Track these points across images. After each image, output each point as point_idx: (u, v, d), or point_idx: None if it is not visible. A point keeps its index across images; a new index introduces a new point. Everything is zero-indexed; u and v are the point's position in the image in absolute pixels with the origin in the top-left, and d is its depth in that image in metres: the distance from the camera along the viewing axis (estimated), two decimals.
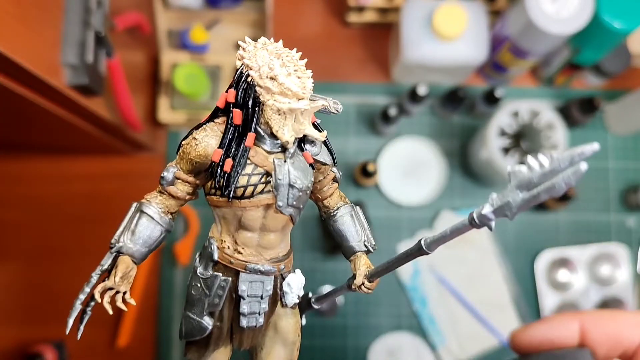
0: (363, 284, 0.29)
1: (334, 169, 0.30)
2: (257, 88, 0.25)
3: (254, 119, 0.25)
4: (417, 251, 0.24)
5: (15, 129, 0.64)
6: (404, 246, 0.80)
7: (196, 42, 0.77)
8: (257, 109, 0.25)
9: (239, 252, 0.27)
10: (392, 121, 0.75)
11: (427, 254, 0.24)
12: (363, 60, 0.85)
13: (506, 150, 0.70)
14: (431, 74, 0.79)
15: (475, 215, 0.21)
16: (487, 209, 0.20)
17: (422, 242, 0.24)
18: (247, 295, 0.27)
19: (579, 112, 0.77)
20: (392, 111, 0.74)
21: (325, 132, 0.27)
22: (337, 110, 0.27)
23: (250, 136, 0.25)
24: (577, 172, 0.18)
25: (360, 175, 0.76)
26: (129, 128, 0.66)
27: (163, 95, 0.77)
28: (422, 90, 0.73)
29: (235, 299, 0.27)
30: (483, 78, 0.84)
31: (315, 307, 0.31)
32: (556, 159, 0.18)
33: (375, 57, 0.85)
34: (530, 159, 0.18)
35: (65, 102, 0.50)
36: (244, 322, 0.27)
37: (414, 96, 0.74)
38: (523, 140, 0.78)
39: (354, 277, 0.29)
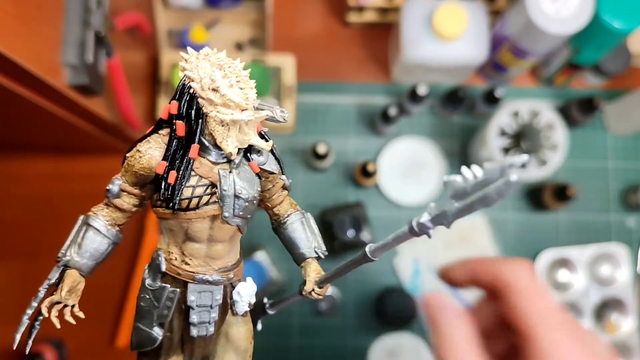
0: (313, 289, 0.29)
1: (283, 177, 0.30)
2: (200, 100, 0.25)
3: (198, 131, 0.25)
4: (363, 258, 0.25)
5: (15, 129, 0.65)
6: (405, 247, 0.80)
7: (196, 42, 0.77)
8: (200, 120, 0.25)
9: (187, 263, 0.27)
10: (392, 121, 0.75)
11: (372, 261, 0.25)
12: (363, 60, 0.86)
13: (506, 150, 0.71)
14: (431, 73, 0.79)
15: (414, 224, 0.22)
16: (425, 218, 0.21)
17: (367, 250, 0.25)
18: (197, 305, 0.27)
19: (578, 112, 0.77)
20: (392, 111, 0.74)
21: (271, 142, 0.27)
22: (285, 119, 0.27)
23: (194, 148, 0.25)
24: (508, 183, 0.18)
25: (360, 175, 0.76)
26: (129, 128, 0.66)
27: (163, 95, 0.77)
28: (422, 90, 0.73)
29: (184, 309, 0.27)
30: (483, 78, 0.85)
31: (270, 312, 0.31)
32: (488, 170, 0.19)
33: (375, 57, 0.86)
34: (464, 169, 0.19)
35: (65, 102, 0.50)
36: (194, 331, 0.28)
37: (414, 96, 0.75)
38: (523, 140, 0.78)
39: (304, 283, 0.30)
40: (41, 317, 0.26)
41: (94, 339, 0.76)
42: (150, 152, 0.26)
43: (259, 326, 0.32)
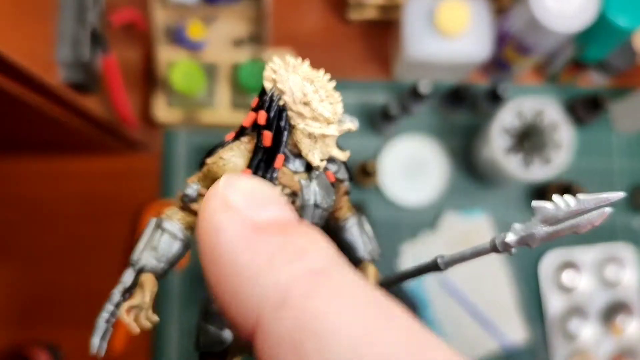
0: None
1: (346, 183, 0.31)
2: (289, 112, 0.26)
3: (284, 142, 0.26)
4: (433, 268, 0.25)
5: (9, 127, 0.65)
6: (406, 247, 0.80)
7: (194, 38, 0.77)
8: (286, 132, 0.26)
9: None
10: (393, 120, 0.75)
11: (442, 271, 0.25)
12: (363, 57, 0.86)
13: (510, 150, 0.71)
14: (433, 71, 0.79)
15: (497, 242, 0.22)
16: (510, 238, 0.22)
17: (439, 260, 0.25)
18: None
19: (583, 110, 0.77)
20: (393, 109, 0.74)
21: (348, 152, 0.28)
22: (356, 128, 0.28)
23: (280, 157, 0.26)
24: (602, 215, 0.19)
25: (361, 175, 0.76)
26: (125, 126, 0.66)
27: (159, 93, 0.77)
28: (423, 88, 0.73)
29: None
30: (486, 76, 0.85)
31: None
32: (582, 201, 0.20)
33: (376, 55, 0.86)
34: (557, 197, 0.20)
35: (60, 100, 0.50)
36: None
37: (415, 94, 0.75)
38: (527, 139, 0.78)
39: None
40: (114, 320, 0.27)
41: (89, 343, 0.76)
42: (234, 160, 0.26)
43: None
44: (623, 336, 0.78)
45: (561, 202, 0.20)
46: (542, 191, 0.79)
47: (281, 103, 0.26)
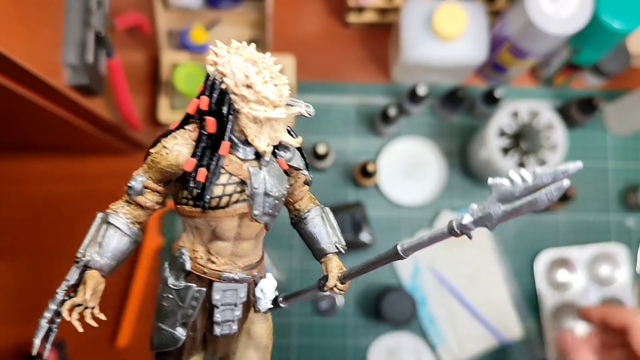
0: (335, 285, 0.29)
1: (305, 172, 0.29)
2: (232, 95, 0.24)
3: (228, 127, 0.24)
4: (393, 256, 0.24)
5: (16, 129, 0.65)
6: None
7: (196, 43, 0.77)
8: (231, 117, 0.24)
9: (212, 262, 0.26)
10: (392, 121, 0.75)
11: (403, 258, 0.24)
12: (363, 60, 0.85)
13: (506, 151, 0.70)
14: (431, 74, 0.79)
15: (455, 224, 0.21)
16: (467, 219, 0.21)
17: (399, 247, 0.24)
18: (221, 304, 0.27)
19: (578, 112, 0.77)
20: (392, 111, 0.74)
21: (300, 138, 0.26)
22: (310, 114, 0.26)
23: (225, 145, 0.24)
24: (560, 189, 0.18)
25: (360, 175, 0.76)
26: (129, 128, 0.66)
27: (163, 95, 0.77)
28: (421, 91, 0.73)
29: (208, 308, 0.27)
30: (483, 78, 0.84)
31: (282, 306, 0.30)
32: (539, 175, 0.18)
33: (375, 57, 0.85)
34: (512, 173, 0.19)
35: (66, 102, 0.50)
36: (217, 330, 0.27)
37: (413, 96, 0.74)
38: (523, 140, 0.78)
39: (325, 278, 0.29)
40: (59, 320, 0.26)
41: (95, 338, 0.76)
42: (178, 149, 0.25)
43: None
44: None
45: (517, 177, 0.19)
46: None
47: (223, 87, 0.24)
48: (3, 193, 0.80)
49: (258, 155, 0.25)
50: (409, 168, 0.82)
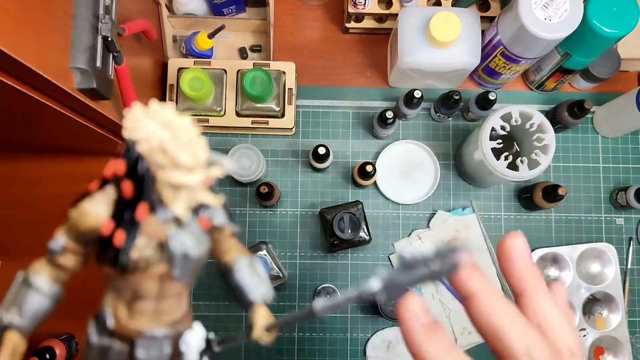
0: (261, 337, 0.28)
1: (231, 226, 0.28)
2: (148, 161, 0.23)
3: (146, 191, 0.23)
4: (309, 313, 0.24)
5: (26, 132, 0.65)
6: (401, 245, 0.80)
7: (200, 50, 0.77)
8: (148, 180, 0.23)
9: (135, 320, 0.25)
10: (389, 124, 0.75)
11: (317, 317, 0.24)
12: (361, 65, 0.85)
13: (499, 153, 0.70)
14: (427, 79, 0.79)
15: (362, 291, 0.21)
16: (376, 286, 0.20)
17: (314, 306, 0.23)
18: None
19: (569, 114, 0.76)
20: (389, 115, 0.74)
21: (221, 197, 0.25)
22: (225, 172, 0.25)
23: (143, 208, 0.23)
24: (454, 266, 0.18)
25: (359, 175, 0.76)
26: None
27: (169, 99, 0.77)
28: (417, 95, 0.73)
29: None
30: (476, 83, 0.84)
31: (216, 350, 0.29)
32: (435, 253, 0.19)
33: (373, 63, 0.85)
34: (415, 248, 0.20)
35: (76, 106, 0.50)
36: None
37: (410, 100, 0.74)
38: (515, 142, 0.78)
39: (251, 328, 0.29)
40: None
41: None
42: (95, 211, 0.24)
43: None
44: (607, 329, 0.78)
45: (418, 253, 0.19)
46: (529, 191, 0.79)
47: (139, 151, 0.22)
48: (15, 193, 0.80)
49: (177, 219, 0.24)
50: (405, 169, 0.82)
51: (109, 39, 0.50)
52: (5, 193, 0.80)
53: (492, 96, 0.74)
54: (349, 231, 0.71)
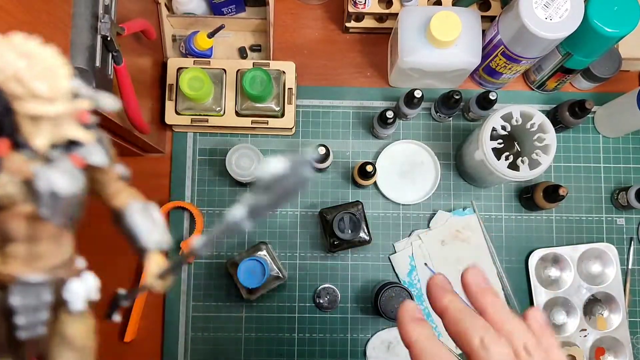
0: (153, 284, 0.28)
1: (118, 167, 0.27)
2: (5, 91, 0.21)
3: (5, 124, 0.22)
4: (191, 253, 0.24)
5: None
6: (401, 244, 0.80)
7: (200, 49, 0.77)
8: (8, 112, 0.21)
9: (7, 265, 0.24)
10: (389, 124, 0.75)
11: (198, 255, 0.24)
12: (361, 65, 0.85)
13: (499, 152, 0.70)
14: (427, 78, 0.79)
15: (228, 221, 0.21)
16: (239, 212, 0.20)
17: (193, 246, 0.24)
18: (22, 308, 0.24)
19: (570, 114, 0.76)
20: (389, 115, 0.73)
21: (91, 133, 0.24)
22: (113, 106, 0.24)
23: (3, 142, 0.22)
24: (305, 179, 0.18)
25: (359, 175, 0.75)
26: (137, 130, 0.66)
27: (169, 99, 0.77)
28: (417, 95, 0.73)
29: (8, 312, 0.24)
30: (477, 82, 0.84)
31: (124, 304, 0.29)
32: (286, 169, 0.18)
33: (373, 63, 0.85)
34: (268, 167, 0.19)
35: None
36: (22, 334, 0.24)
37: (410, 100, 0.74)
38: (516, 142, 0.78)
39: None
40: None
41: (105, 334, 0.76)
42: None
43: (117, 317, 0.29)
44: (608, 329, 0.78)
45: (270, 169, 0.19)
46: (530, 191, 0.79)
47: None
48: None
49: (46, 155, 0.23)
50: (406, 169, 0.82)
51: (108, 39, 0.50)
52: None
53: (492, 96, 0.74)
54: (349, 231, 0.71)
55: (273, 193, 0.19)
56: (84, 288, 0.26)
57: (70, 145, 0.24)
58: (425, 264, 0.79)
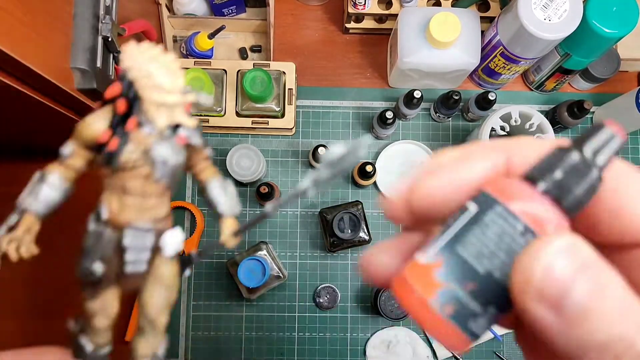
0: (227, 241, 0.35)
1: (206, 150, 0.35)
2: (137, 85, 0.29)
3: (135, 108, 0.30)
4: (263, 216, 0.29)
5: (27, 132, 0.65)
6: None
7: (200, 50, 0.77)
8: (137, 100, 0.29)
9: (124, 213, 0.32)
10: (389, 125, 0.75)
11: (269, 217, 0.30)
12: (361, 65, 0.85)
13: None
14: (427, 79, 0.79)
15: (297, 190, 0.25)
16: (306, 183, 0.25)
17: (265, 210, 0.28)
18: (131, 247, 0.32)
19: (569, 115, 0.76)
20: (389, 115, 0.74)
21: (194, 120, 0.32)
22: (207, 102, 0.32)
23: (132, 121, 0.29)
24: (357, 157, 0.23)
25: (359, 175, 0.76)
26: None
27: None
28: (417, 95, 0.73)
29: (121, 249, 0.32)
30: (476, 83, 0.84)
31: (196, 261, 0.36)
32: (346, 148, 0.24)
33: (373, 63, 0.85)
34: (331, 151, 0.24)
35: (76, 106, 0.50)
36: (128, 268, 0.32)
37: (409, 101, 0.74)
38: None
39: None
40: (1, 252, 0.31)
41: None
42: (97, 122, 0.30)
43: (187, 272, 0.37)
44: None
45: (332, 151, 0.24)
46: None
47: (130, 77, 0.29)
48: (17, 193, 0.80)
49: (161, 134, 0.31)
50: (405, 169, 0.82)
51: (110, 39, 0.50)
52: (6, 193, 0.80)
53: (491, 96, 0.74)
54: (349, 231, 0.71)
55: (334, 168, 0.24)
56: (175, 239, 0.33)
57: (177, 127, 0.32)
58: None
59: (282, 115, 0.77)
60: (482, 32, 0.75)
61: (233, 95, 0.76)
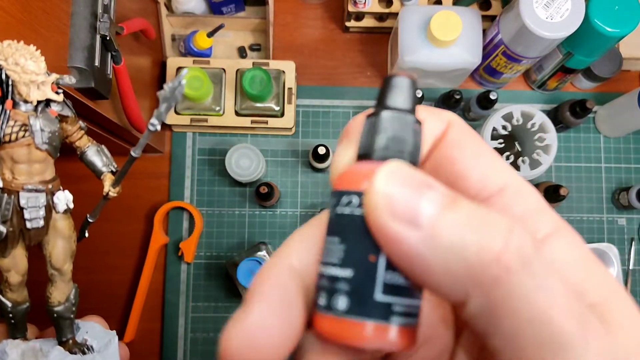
0: (110, 190, 0.43)
1: (80, 122, 0.42)
2: (9, 72, 0.35)
3: (9, 92, 0.36)
4: (132, 160, 0.39)
5: None
6: None
7: (199, 48, 0.77)
8: (10, 84, 0.36)
9: (16, 179, 0.38)
10: None
11: (137, 158, 0.39)
12: (362, 64, 0.85)
13: (500, 152, 0.70)
14: (427, 78, 0.78)
15: (151, 128, 0.33)
16: (153, 120, 0.32)
17: (131, 154, 0.38)
18: (28, 207, 0.38)
19: (571, 114, 0.76)
20: None
21: (61, 95, 0.38)
22: (71, 81, 0.38)
23: (8, 102, 0.36)
24: (181, 87, 0.29)
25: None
26: (136, 130, 0.66)
27: None
28: (418, 95, 0.73)
29: (19, 210, 0.38)
30: (477, 82, 0.84)
31: (91, 220, 0.45)
32: (173, 82, 0.29)
33: (373, 62, 0.85)
34: (165, 86, 0.29)
35: (75, 106, 0.50)
36: (28, 225, 0.38)
37: None
38: (517, 142, 0.78)
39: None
40: None
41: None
42: None
43: (86, 234, 0.46)
44: None
45: (167, 87, 0.30)
46: None
47: (2, 66, 0.36)
48: None
49: (35, 108, 0.37)
50: None
51: (108, 38, 0.49)
52: None
53: (493, 96, 0.74)
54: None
55: (169, 101, 0.31)
56: (64, 197, 0.40)
57: (49, 104, 0.38)
58: None
59: (282, 115, 0.77)
60: (484, 30, 0.75)
61: (232, 95, 0.76)
